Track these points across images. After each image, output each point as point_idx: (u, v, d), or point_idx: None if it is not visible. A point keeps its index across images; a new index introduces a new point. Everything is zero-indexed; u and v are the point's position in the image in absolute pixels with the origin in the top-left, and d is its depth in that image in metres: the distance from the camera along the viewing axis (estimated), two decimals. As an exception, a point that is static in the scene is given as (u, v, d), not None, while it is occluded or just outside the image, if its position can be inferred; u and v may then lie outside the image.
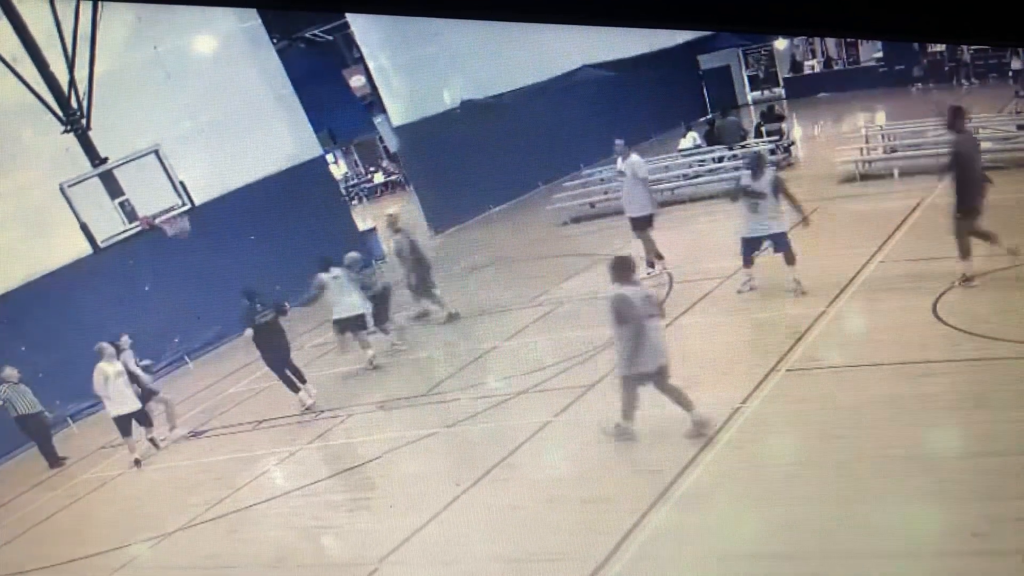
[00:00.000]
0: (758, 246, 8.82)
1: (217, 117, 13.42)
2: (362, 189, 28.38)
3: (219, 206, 12.87)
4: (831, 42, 24.13)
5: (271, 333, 9.66)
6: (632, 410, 6.45)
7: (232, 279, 10.30)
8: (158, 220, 10.89)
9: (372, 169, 29.40)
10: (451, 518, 6.22)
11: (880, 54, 23.04)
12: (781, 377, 6.89)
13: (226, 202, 13.21)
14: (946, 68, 21.57)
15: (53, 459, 10.23)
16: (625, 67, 19.35)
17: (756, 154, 9.13)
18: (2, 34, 10.35)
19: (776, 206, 8.55)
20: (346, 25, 19.66)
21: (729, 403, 6.61)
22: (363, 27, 16.78)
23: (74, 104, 11.13)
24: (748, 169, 8.71)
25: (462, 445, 7.63)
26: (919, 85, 21.56)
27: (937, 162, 12.24)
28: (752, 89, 25.20)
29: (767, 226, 8.58)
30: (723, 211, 13.17)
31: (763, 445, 6.02)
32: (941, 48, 21.19)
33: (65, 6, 10.72)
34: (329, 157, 23.21)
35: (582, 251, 12.80)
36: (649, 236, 10.42)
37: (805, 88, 24.30)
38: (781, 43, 24.56)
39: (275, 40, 17.14)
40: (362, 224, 17.22)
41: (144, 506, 8.28)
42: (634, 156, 10.68)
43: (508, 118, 16.86)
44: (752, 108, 23.59)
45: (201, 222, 11.66)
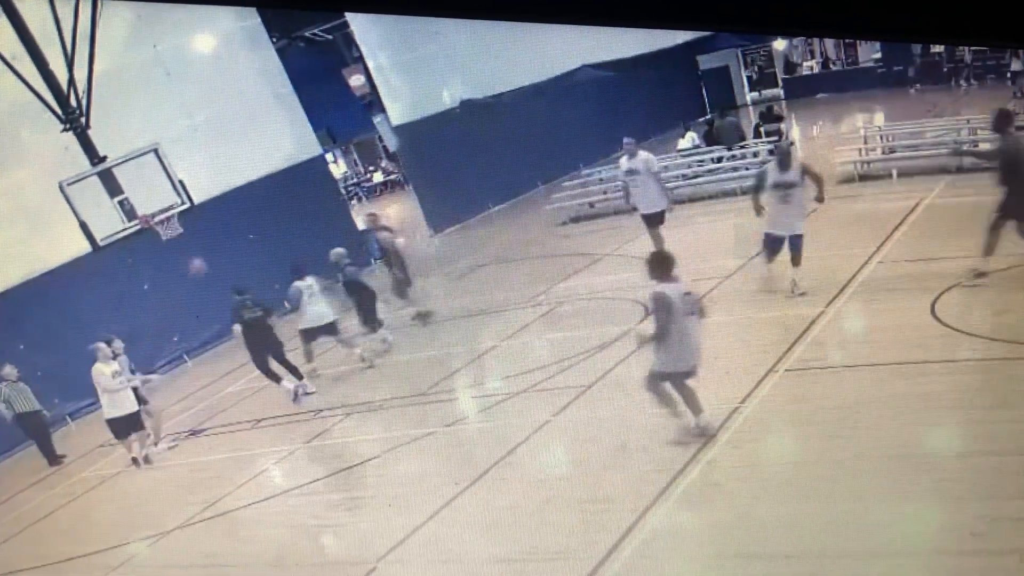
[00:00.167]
0: (781, 245, 8.53)
1: (216, 116, 13.40)
2: (361, 188, 28.36)
3: (218, 205, 12.86)
4: (829, 43, 24.10)
5: (259, 330, 9.67)
6: (676, 406, 6.29)
7: (231, 278, 10.28)
8: (154, 221, 10.89)
9: (371, 168, 29.38)
10: (449, 517, 6.22)
11: (879, 55, 23.04)
12: (780, 377, 6.89)
13: (225, 201, 13.20)
14: (945, 69, 21.57)
15: (52, 457, 10.23)
16: (624, 67, 19.33)
17: (784, 145, 8.78)
18: (1, 32, 10.34)
19: (803, 200, 8.42)
20: (346, 24, 19.62)
21: (728, 402, 6.61)
22: (362, 26, 16.76)
23: (73, 103, 11.12)
24: (776, 161, 8.48)
25: (461, 444, 7.63)
26: (917, 86, 21.56)
27: (936, 163, 12.35)
28: (751, 89, 25.20)
29: (794, 225, 8.40)
30: (722, 211, 13.21)
31: (762, 445, 6.03)
32: (939, 49, 21.19)
33: (65, 4, 10.70)
34: (328, 156, 23.20)
35: (581, 251, 12.80)
36: (659, 233, 10.40)
37: (804, 89, 24.28)
38: (780, 43, 24.54)
39: (274, 39, 17.12)
40: (361, 224, 17.20)
41: (143, 505, 8.26)
42: (645, 153, 10.68)
43: (507, 118, 16.84)
44: (751, 108, 23.58)
45: (200, 221, 11.65)
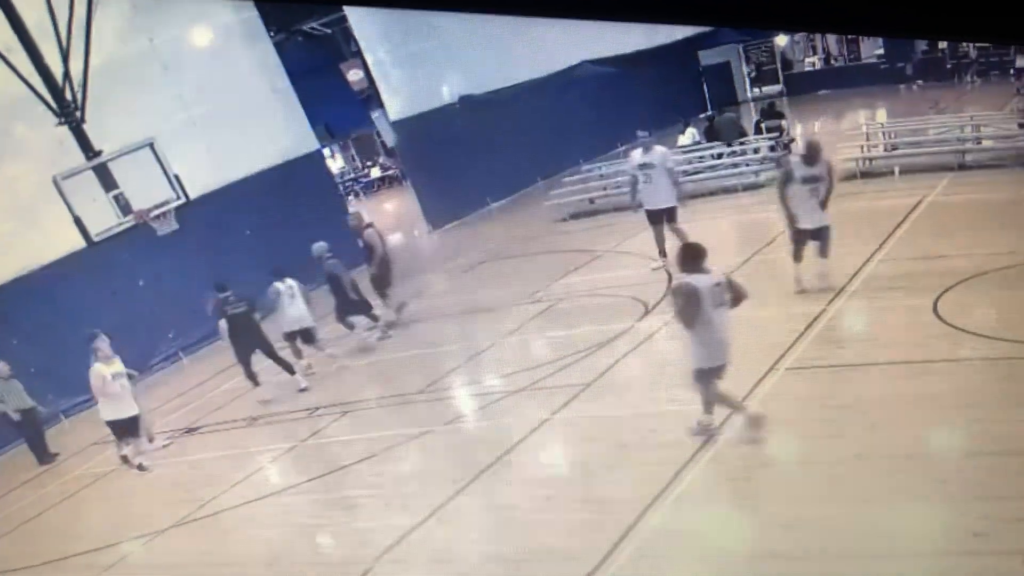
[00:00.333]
0: (810, 239, 8.40)
1: (213, 110, 13.32)
2: (359, 184, 28.28)
3: (214, 200, 12.79)
4: (832, 39, 24.00)
5: (244, 326, 9.64)
6: (711, 404, 6.15)
7: (227, 273, 10.22)
8: (149, 216, 10.81)
9: (369, 164, 29.31)
10: (447, 517, 6.16)
11: (881, 51, 22.96)
12: (781, 376, 6.83)
13: (221, 196, 13.14)
14: (948, 66, 21.50)
15: (43, 456, 10.14)
16: (625, 63, 19.26)
17: (812, 140, 8.63)
18: (-4, 25, 10.27)
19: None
20: (344, 19, 19.56)
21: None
22: (361, 21, 16.67)
23: (68, 96, 11.04)
24: (802, 155, 8.33)
25: (458, 443, 7.57)
26: (920, 82, 21.49)
27: (939, 160, 12.28)
28: (752, 85, 25.12)
29: (823, 217, 8.30)
30: (722, 207, 13.15)
31: (762, 444, 5.97)
32: (943, 46, 21.11)
33: (59, -3, 10.63)
34: (326, 151, 23.13)
35: (581, 247, 12.73)
36: (662, 231, 10.32)
37: (806, 85, 24.20)
38: (782, 39, 24.45)
39: (272, 33, 17.06)
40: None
41: (137, 503, 8.20)
42: (662, 147, 10.58)
43: (507, 113, 16.76)
44: (752, 105, 23.50)
45: (196, 216, 11.57)
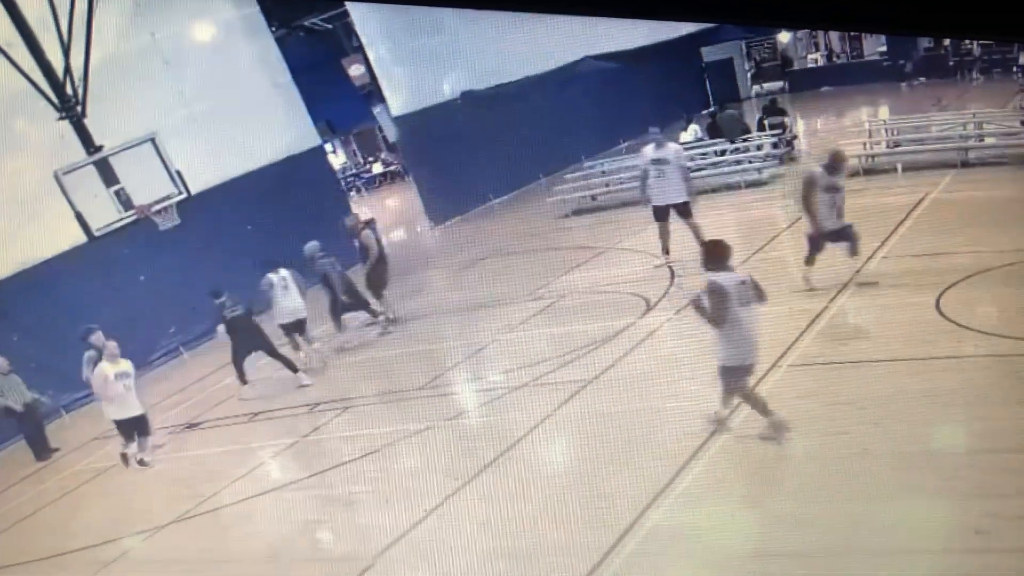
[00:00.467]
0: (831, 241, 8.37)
1: (214, 105, 13.29)
2: (361, 179, 28.26)
3: (216, 195, 12.77)
4: (834, 36, 23.97)
5: (243, 328, 9.67)
6: (730, 400, 6.14)
7: (228, 269, 10.22)
8: (151, 211, 10.81)
9: (371, 159, 29.26)
10: (448, 513, 6.16)
11: (884, 48, 22.91)
12: (783, 373, 6.82)
13: (223, 191, 13.11)
14: (951, 63, 21.44)
15: (43, 451, 10.12)
16: (627, 59, 19.21)
17: (836, 151, 8.48)
18: (-3, 19, 10.24)
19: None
20: (346, 14, 19.50)
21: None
22: (363, 16, 16.63)
23: (69, 91, 11.02)
24: (826, 165, 8.21)
25: (461, 439, 7.57)
26: (923, 79, 21.44)
27: (942, 157, 12.26)
28: (755, 82, 25.07)
29: (842, 219, 8.27)
30: (725, 204, 13.12)
31: (766, 441, 5.95)
32: (946, 43, 21.07)
33: (61, -9, 10.60)
34: (327, 147, 23.09)
35: (583, 244, 12.71)
36: (668, 227, 10.29)
37: (808, 82, 24.16)
38: (784, 36, 24.40)
39: (274, 28, 17.00)
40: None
41: (137, 499, 8.20)
42: (674, 144, 10.54)
43: (509, 109, 16.73)
44: (755, 101, 23.45)
45: (197, 211, 11.56)
